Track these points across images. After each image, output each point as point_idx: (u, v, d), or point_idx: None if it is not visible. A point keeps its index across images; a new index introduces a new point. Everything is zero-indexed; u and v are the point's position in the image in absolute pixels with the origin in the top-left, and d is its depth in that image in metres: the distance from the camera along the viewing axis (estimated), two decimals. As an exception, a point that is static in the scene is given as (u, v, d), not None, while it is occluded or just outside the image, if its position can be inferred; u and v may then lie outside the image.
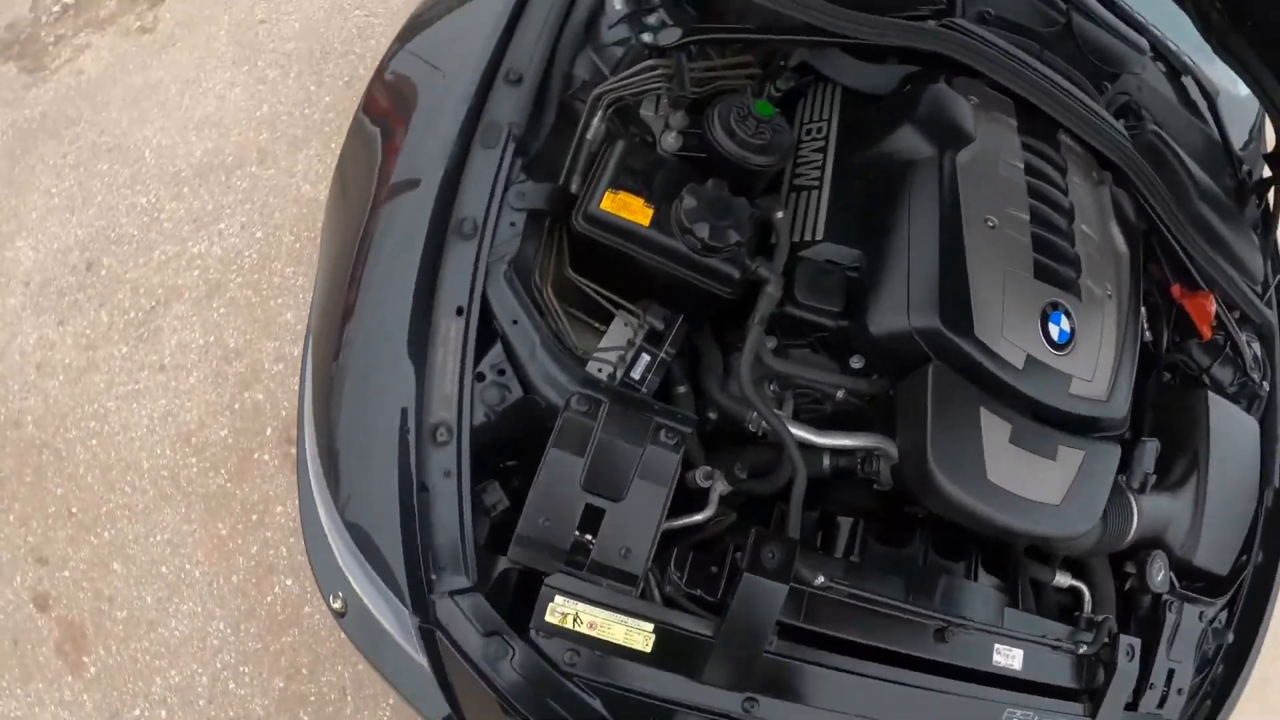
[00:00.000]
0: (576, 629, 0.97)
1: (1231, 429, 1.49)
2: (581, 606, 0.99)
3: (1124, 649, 1.28)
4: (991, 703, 1.16)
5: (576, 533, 1.00)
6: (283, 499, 1.80)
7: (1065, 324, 1.19)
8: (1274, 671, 1.83)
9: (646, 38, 1.25)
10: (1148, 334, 1.60)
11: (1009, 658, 1.20)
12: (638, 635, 0.98)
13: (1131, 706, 1.30)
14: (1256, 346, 1.66)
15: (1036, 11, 1.62)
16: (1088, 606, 1.34)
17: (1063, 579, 1.33)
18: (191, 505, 1.79)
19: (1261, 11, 1.47)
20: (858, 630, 1.10)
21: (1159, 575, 1.31)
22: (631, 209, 1.07)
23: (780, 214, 1.18)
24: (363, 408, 1.10)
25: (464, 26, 1.31)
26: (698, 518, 1.12)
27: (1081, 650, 1.26)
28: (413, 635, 1.00)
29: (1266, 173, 1.79)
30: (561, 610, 0.97)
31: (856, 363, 1.22)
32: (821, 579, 1.06)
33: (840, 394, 1.20)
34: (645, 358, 1.09)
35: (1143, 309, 1.55)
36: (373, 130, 1.33)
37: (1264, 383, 1.61)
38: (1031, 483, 1.14)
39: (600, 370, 1.09)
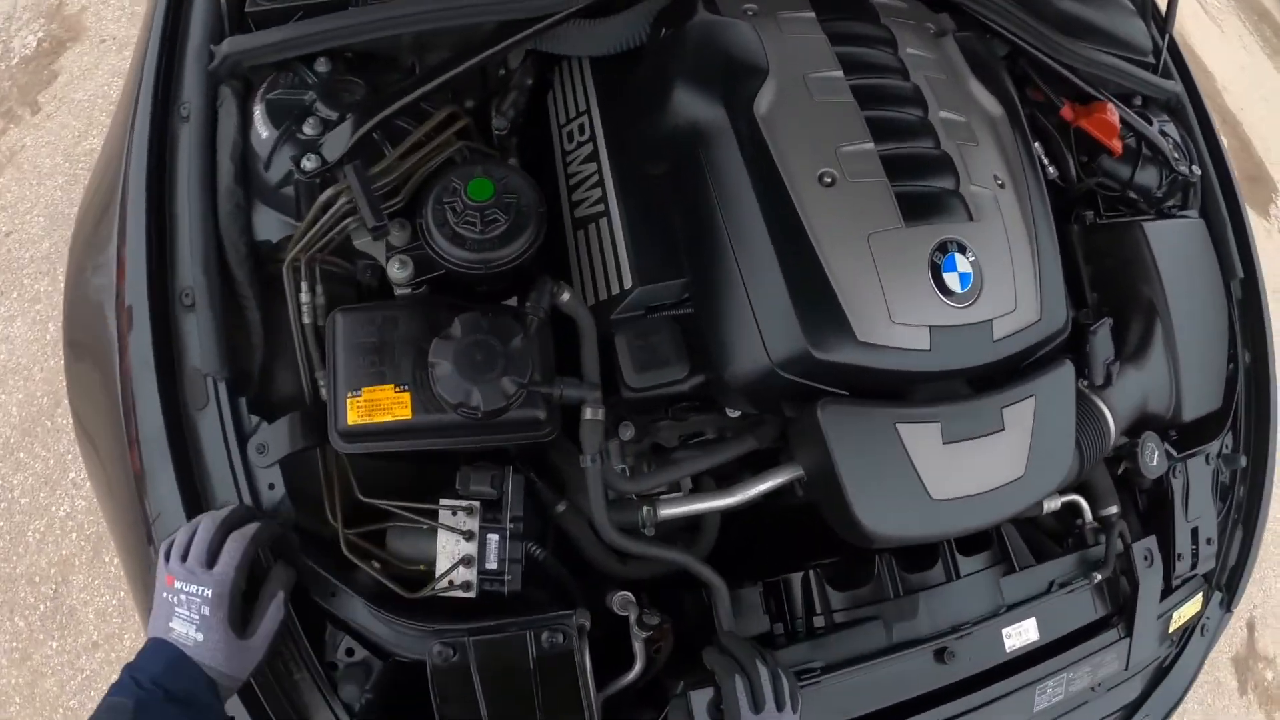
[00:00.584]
0: None
1: (1179, 250, 1.18)
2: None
3: (1140, 555, 1.06)
4: (1018, 691, 0.95)
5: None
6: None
7: (962, 263, 0.86)
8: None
9: (308, 163, 0.85)
10: (1051, 171, 1.25)
11: (1021, 634, 0.98)
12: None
13: (1167, 590, 1.10)
14: (1171, 128, 1.32)
15: None
16: (1088, 515, 1.10)
17: (1051, 504, 1.08)
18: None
19: None
20: (851, 705, 0.88)
21: (1153, 460, 1.07)
22: (384, 405, 0.75)
23: (567, 295, 0.82)
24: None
25: (111, 253, 0.92)
26: (630, 677, 0.86)
27: (1096, 580, 1.03)
28: None
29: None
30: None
31: (733, 412, 0.91)
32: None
33: (731, 458, 0.90)
34: (493, 539, 0.80)
35: (1037, 148, 1.21)
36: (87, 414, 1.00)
37: (1193, 167, 1.29)
38: (985, 471, 0.86)
39: (452, 587, 0.80)
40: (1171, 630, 1.10)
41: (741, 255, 0.83)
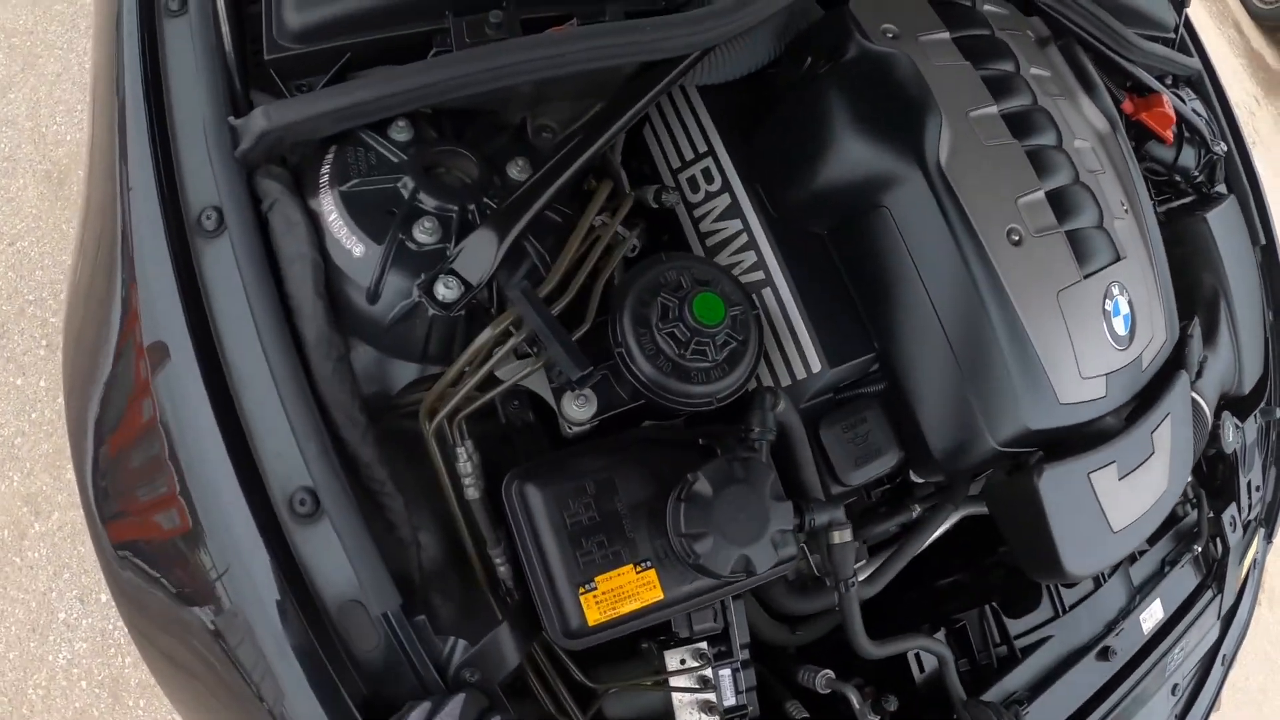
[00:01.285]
0: None
1: (1231, 235, 1.29)
2: None
3: (1228, 523, 1.21)
4: (1156, 666, 1.09)
5: None
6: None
7: (1123, 305, 0.89)
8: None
9: (447, 292, 0.66)
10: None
11: (1152, 615, 1.11)
12: None
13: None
14: (1196, 104, 1.42)
15: None
16: (1173, 490, 1.24)
17: (1149, 487, 1.20)
18: None
19: None
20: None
21: (1230, 436, 1.20)
22: (628, 592, 0.65)
23: (783, 404, 0.75)
24: None
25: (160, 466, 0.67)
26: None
27: (1197, 552, 1.18)
28: None
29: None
30: None
31: (917, 477, 0.93)
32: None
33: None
34: (725, 674, 0.76)
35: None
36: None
37: (1220, 144, 1.40)
38: (1145, 493, 0.93)
39: None
40: (1241, 575, 1.29)
41: (950, 325, 0.79)
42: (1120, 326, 0.89)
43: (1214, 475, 1.31)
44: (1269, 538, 1.40)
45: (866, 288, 0.84)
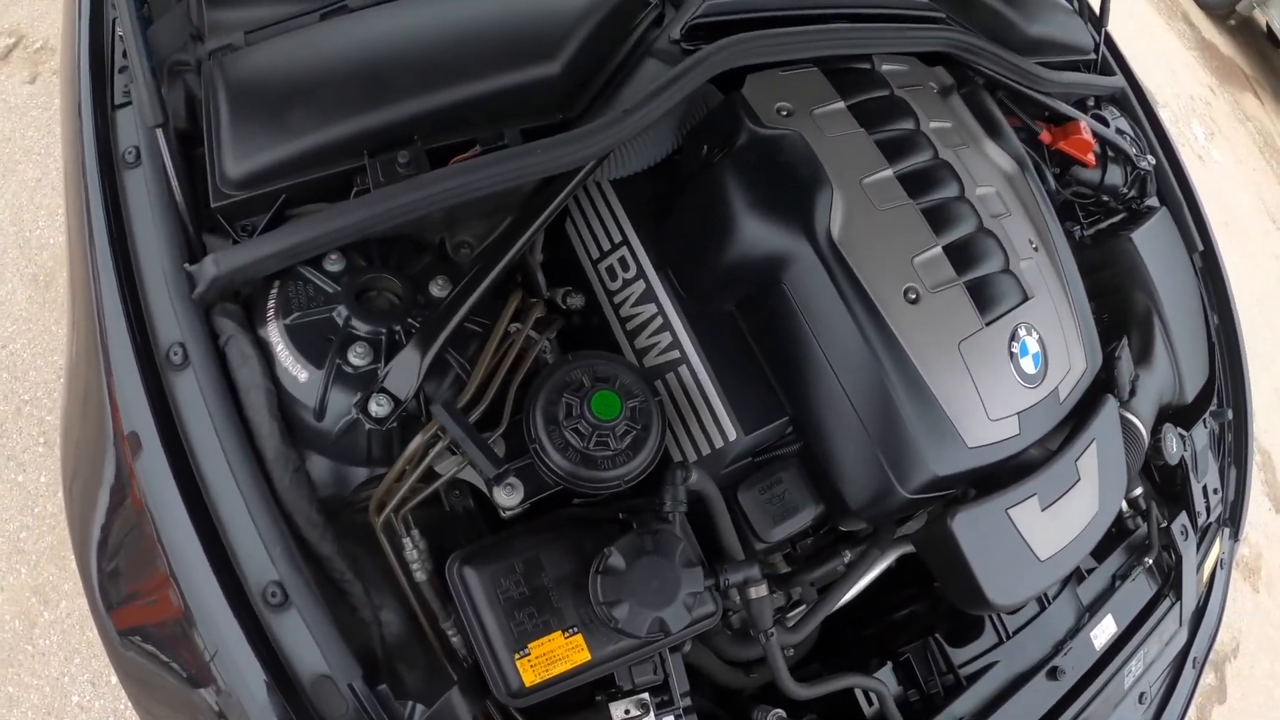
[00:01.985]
0: None
1: (1160, 247, 1.36)
2: None
3: (1179, 532, 1.26)
4: (1112, 680, 1.14)
5: None
6: None
7: (1032, 345, 0.96)
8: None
9: (379, 409, 0.76)
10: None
11: (1104, 631, 1.17)
12: None
13: (1197, 548, 1.32)
14: (1124, 122, 1.49)
15: None
16: (1124, 504, 1.30)
17: (1098, 502, 1.26)
18: None
19: None
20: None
21: (1174, 447, 1.26)
22: (558, 655, 0.74)
23: (695, 475, 0.83)
24: None
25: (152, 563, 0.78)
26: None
27: (1148, 564, 1.23)
28: None
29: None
30: None
31: (845, 527, 1.00)
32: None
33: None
34: None
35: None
36: None
37: (1148, 158, 1.46)
38: (1073, 519, 1.00)
39: None
40: (1205, 578, 1.34)
41: (851, 389, 0.87)
42: (1029, 365, 0.96)
43: (1172, 483, 1.36)
44: (1235, 536, 1.45)
45: (773, 358, 0.92)
